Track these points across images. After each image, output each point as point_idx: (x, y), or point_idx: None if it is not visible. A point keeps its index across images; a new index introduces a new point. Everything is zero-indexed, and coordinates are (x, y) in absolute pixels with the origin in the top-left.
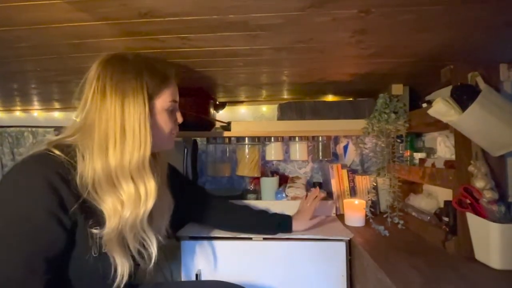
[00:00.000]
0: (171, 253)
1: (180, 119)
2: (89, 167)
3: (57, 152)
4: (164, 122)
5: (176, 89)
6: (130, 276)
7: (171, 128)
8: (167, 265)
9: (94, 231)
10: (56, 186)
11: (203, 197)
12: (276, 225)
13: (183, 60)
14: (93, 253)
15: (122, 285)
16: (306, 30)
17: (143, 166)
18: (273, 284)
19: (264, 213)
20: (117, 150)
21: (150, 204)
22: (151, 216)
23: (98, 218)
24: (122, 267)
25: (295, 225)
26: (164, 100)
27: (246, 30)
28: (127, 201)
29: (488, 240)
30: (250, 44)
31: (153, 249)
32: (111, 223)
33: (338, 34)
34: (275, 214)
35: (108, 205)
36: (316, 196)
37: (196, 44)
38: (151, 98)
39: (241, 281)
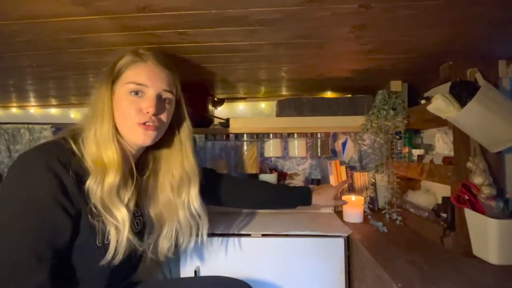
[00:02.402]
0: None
1: (150, 108)
2: (85, 146)
3: (70, 140)
4: (123, 106)
5: (144, 71)
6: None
7: (132, 114)
8: (166, 262)
9: (93, 214)
10: (58, 173)
11: (219, 179)
12: (295, 199)
13: (181, 55)
14: (97, 243)
15: (115, 262)
16: (305, 25)
17: (104, 138)
18: (272, 280)
19: (282, 187)
20: (91, 128)
21: (111, 177)
22: (163, 223)
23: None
24: (114, 240)
25: (316, 199)
26: (123, 82)
27: (245, 25)
28: (93, 167)
29: (486, 235)
30: (249, 39)
31: (121, 223)
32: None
33: (338, 29)
34: (294, 188)
35: None
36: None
37: (195, 39)
38: (114, 81)
39: (239, 277)
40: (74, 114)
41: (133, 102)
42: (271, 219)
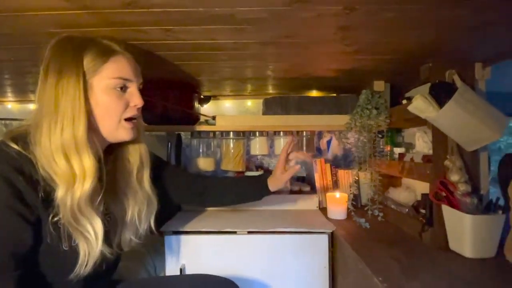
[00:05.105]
0: (154, 248)
1: (137, 101)
2: (38, 151)
3: (11, 144)
4: (109, 103)
5: (127, 65)
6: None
7: (120, 110)
8: (150, 261)
9: (56, 220)
10: (11, 179)
11: (189, 179)
12: (258, 192)
13: (167, 52)
14: (63, 247)
15: (85, 273)
16: (291, 25)
17: (76, 145)
18: (258, 276)
19: (243, 181)
20: (51, 130)
21: (87, 185)
22: (124, 213)
23: (58, 207)
24: (84, 253)
25: (271, 186)
26: (104, 77)
27: (232, 23)
28: (61, 180)
29: (461, 230)
30: (236, 38)
31: (93, 237)
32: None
33: (323, 30)
34: (253, 181)
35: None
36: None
37: (181, 36)
38: (88, 76)
39: (225, 274)
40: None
41: (119, 97)
42: (257, 216)
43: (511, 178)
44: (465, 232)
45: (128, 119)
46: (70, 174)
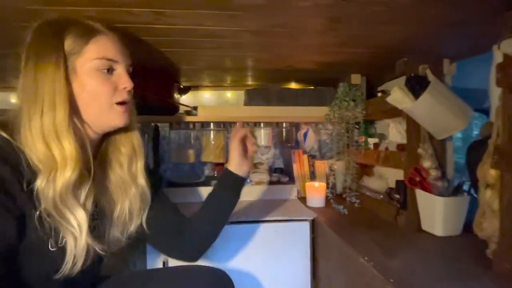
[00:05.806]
0: (133, 242)
1: (127, 83)
2: (19, 137)
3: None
4: (94, 86)
5: (111, 45)
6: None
7: (108, 94)
8: (129, 255)
9: (40, 213)
10: None
11: (172, 214)
12: (232, 195)
13: (152, 38)
14: (49, 247)
15: (73, 272)
16: (285, 14)
17: (56, 131)
18: (241, 266)
19: (212, 197)
20: (31, 115)
21: (69, 173)
22: (114, 207)
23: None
24: (71, 249)
25: (236, 169)
26: (88, 58)
27: (227, 9)
28: (43, 167)
29: (433, 212)
30: (227, 25)
31: (77, 230)
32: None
33: (315, 20)
34: (220, 187)
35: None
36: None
37: (171, 21)
38: (70, 58)
39: (209, 265)
40: (16, 99)
41: (106, 79)
42: (239, 207)
43: (479, 162)
44: (436, 213)
45: (120, 103)
46: (51, 162)
